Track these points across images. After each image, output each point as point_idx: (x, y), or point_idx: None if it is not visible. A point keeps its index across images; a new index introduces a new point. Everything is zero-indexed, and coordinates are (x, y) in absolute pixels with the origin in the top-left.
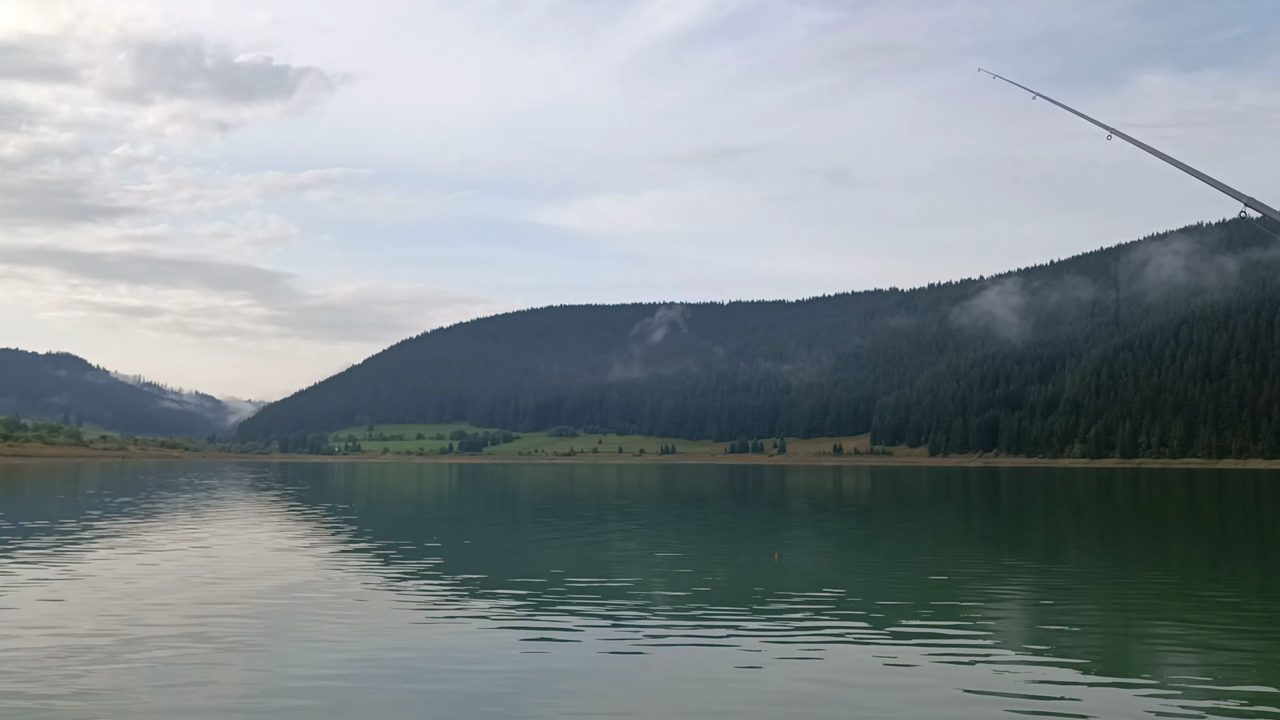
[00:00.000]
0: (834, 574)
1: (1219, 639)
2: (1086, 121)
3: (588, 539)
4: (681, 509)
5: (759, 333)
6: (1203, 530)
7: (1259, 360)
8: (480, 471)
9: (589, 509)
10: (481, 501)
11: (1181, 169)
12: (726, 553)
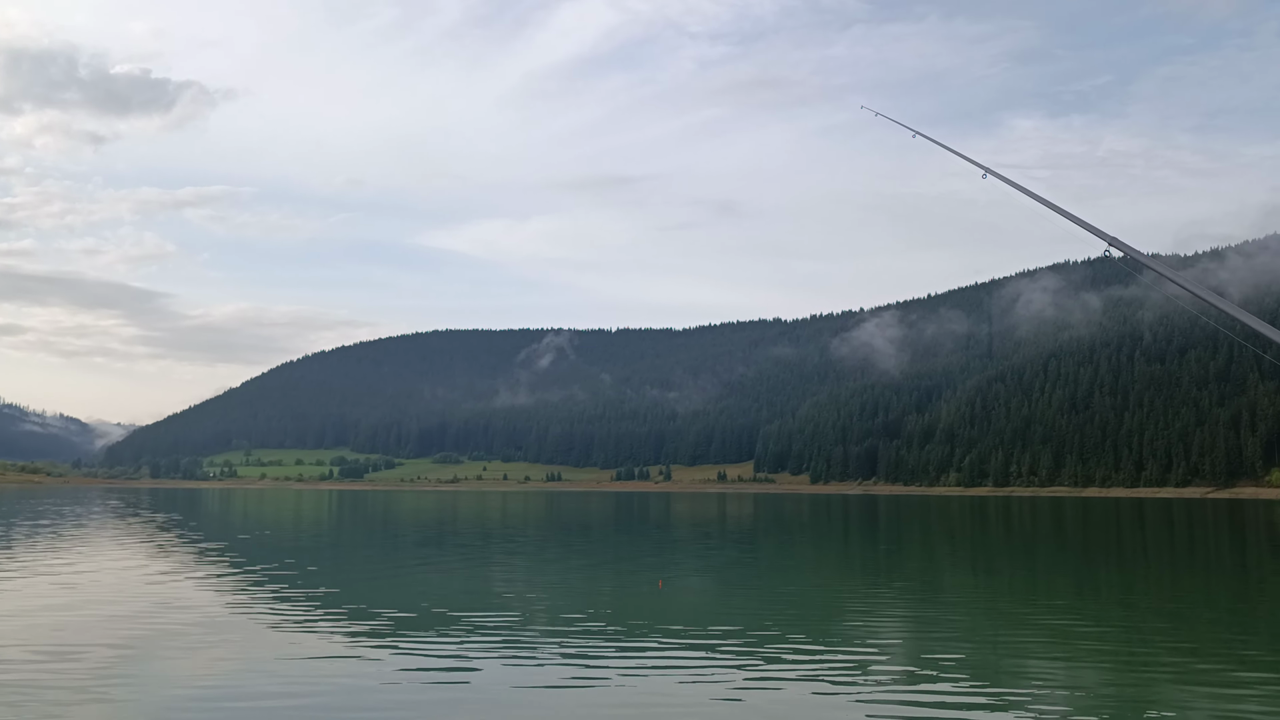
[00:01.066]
0: (717, 601)
1: (1084, 659)
2: (963, 160)
3: (470, 568)
4: (566, 537)
5: (646, 360)
6: (1067, 556)
7: (1120, 393)
8: (361, 498)
9: (472, 537)
10: (361, 529)
11: (1051, 209)
12: (610, 581)
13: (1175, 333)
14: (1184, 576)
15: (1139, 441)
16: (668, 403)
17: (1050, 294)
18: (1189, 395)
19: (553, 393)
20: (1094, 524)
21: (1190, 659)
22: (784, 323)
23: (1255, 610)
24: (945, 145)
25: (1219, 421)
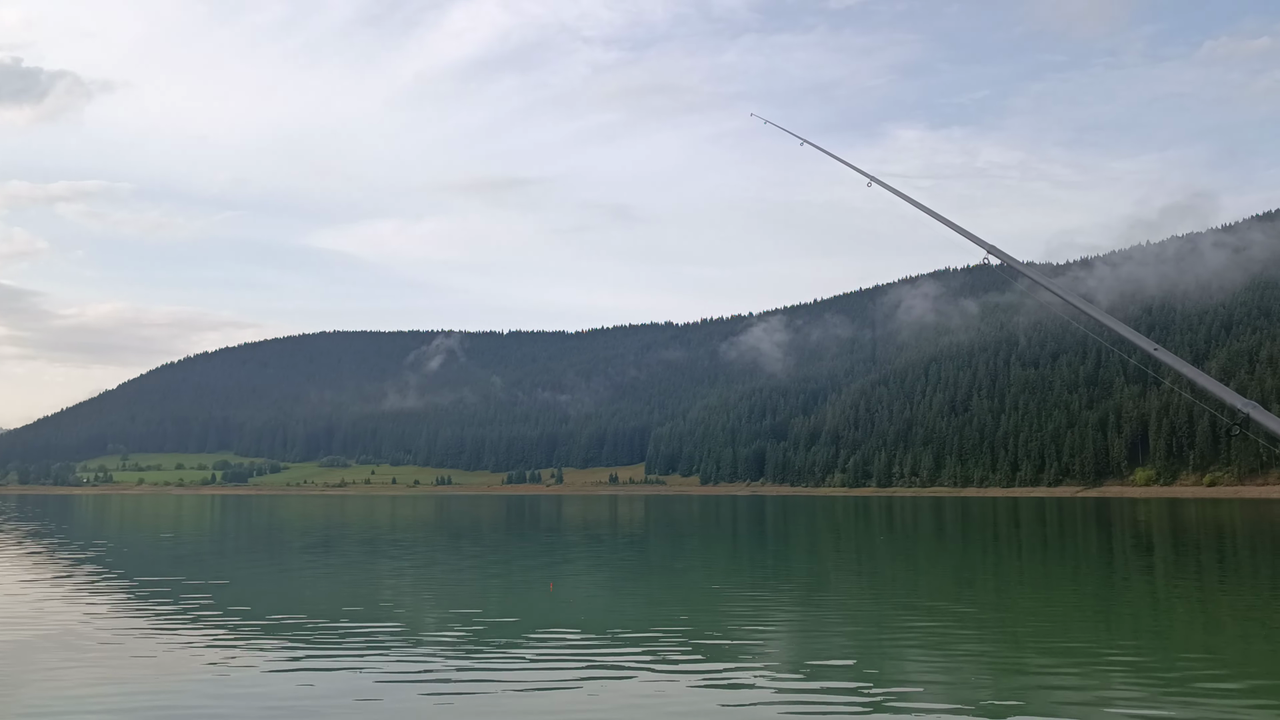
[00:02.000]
0: (608, 603)
1: (961, 648)
2: (849, 169)
3: (358, 574)
4: (456, 541)
5: (538, 363)
6: (947, 555)
7: (997, 396)
8: (245, 503)
9: (360, 543)
10: (245, 535)
11: (932, 217)
12: (501, 584)
13: (1048, 338)
14: (1055, 572)
15: (1015, 443)
16: (559, 406)
17: (931, 300)
18: (1060, 398)
19: (443, 395)
20: (972, 523)
21: (1060, 654)
22: (675, 326)
23: (1120, 603)
24: (832, 154)
25: (1088, 424)
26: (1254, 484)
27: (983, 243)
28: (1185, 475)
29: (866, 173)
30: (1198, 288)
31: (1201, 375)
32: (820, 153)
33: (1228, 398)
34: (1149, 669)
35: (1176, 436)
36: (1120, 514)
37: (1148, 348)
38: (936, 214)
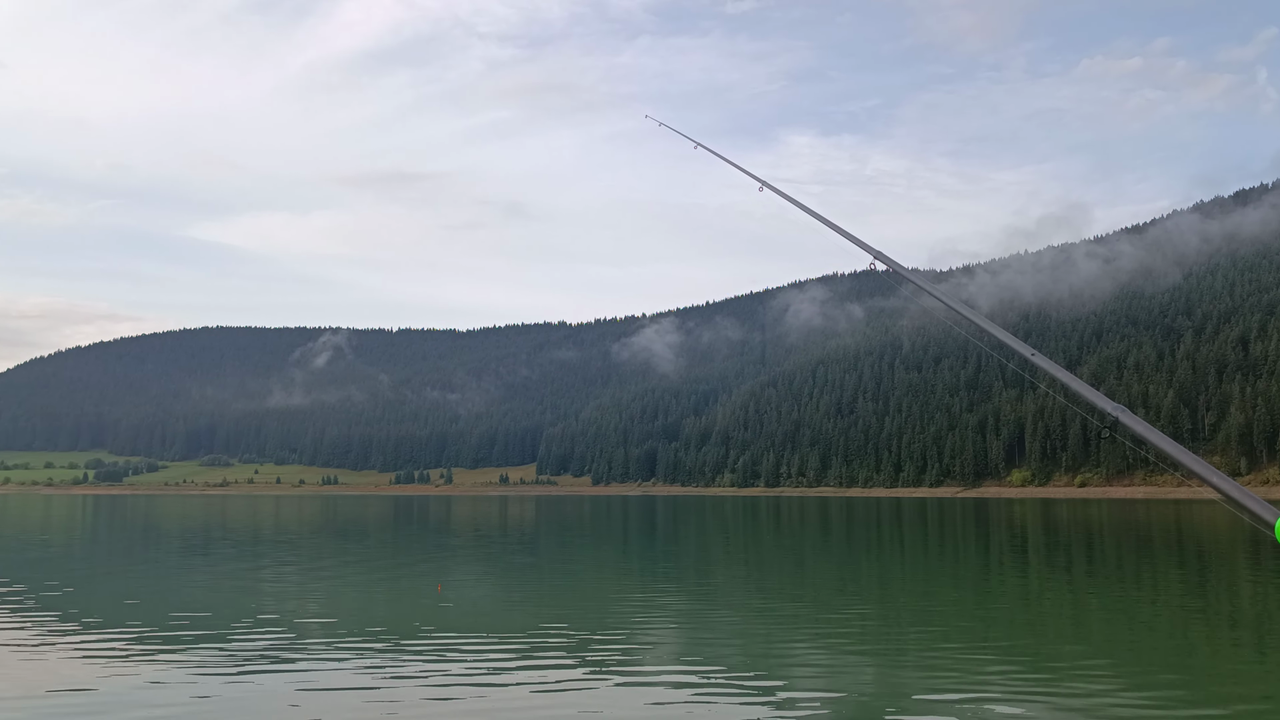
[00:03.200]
0: (497, 603)
1: (846, 644)
2: (741, 173)
3: (238, 576)
4: (342, 542)
5: (428, 361)
6: (832, 553)
7: (882, 399)
8: (120, 504)
9: (242, 544)
10: (119, 537)
11: (822, 222)
12: (388, 585)
13: (931, 343)
14: (935, 568)
15: (898, 445)
16: (449, 405)
17: (819, 304)
18: (942, 401)
19: (329, 393)
20: (857, 522)
21: (940, 649)
22: (568, 326)
23: (996, 598)
24: (724, 157)
25: (968, 426)
26: (1121, 484)
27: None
28: (1058, 476)
29: (758, 177)
30: (1071, 296)
31: (1074, 380)
32: (714, 156)
33: (1098, 402)
34: (1023, 660)
35: (1050, 439)
36: (997, 514)
37: (1025, 353)
38: (826, 220)
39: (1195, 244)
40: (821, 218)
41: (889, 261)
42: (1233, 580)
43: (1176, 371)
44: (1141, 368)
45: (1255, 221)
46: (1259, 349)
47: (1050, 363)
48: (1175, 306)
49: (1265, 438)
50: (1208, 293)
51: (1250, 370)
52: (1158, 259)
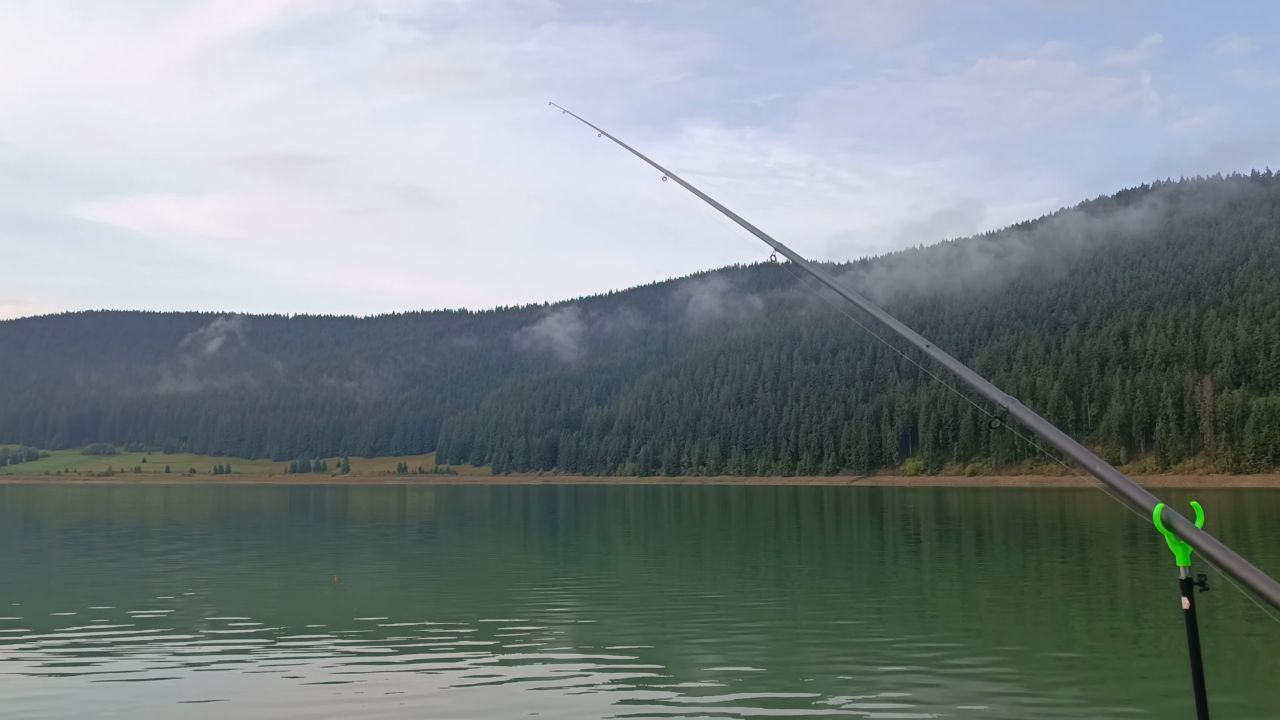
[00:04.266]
0: (395, 594)
1: (742, 632)
2: (645, 162)
3: (123, 568)
4: (235, 533)
5: (325, 348)
6: (731, 540)
7: (781, 389)
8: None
9: (127, 534)
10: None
11: (725, 214)
12: (283, 576)
13: (829, 334)
14: (831, 555)
15: (796, 434)
16: (346, 393)
17: (720, 295)
18: (839, 392)
19: (222, 380)
20: (755, 511)
21: (834, 636)
22: (469, 314)
23: (889, 584)
24: (629, 146)
25: (864, 416)
26: (1009, 474)
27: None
28: (950, 465)
29: (662, 167)
30: (964, 290)
31: (967, 371)
32: (618, 145)
33: (989, 393)
34: (913, 644)
35: (943, 429)
36: (891, 502)
37: (920, 345)
38: (728, 211)
39: (1081, 241)
40: (724, 209)
41: (789, 254)
42: (1111, 566)
43: (1062, 364)
44: (1030, 360)
45: (1136, 221)
46: (1138, 343)
47: (944, 354)
48: (1062, 301)
49: (1143, 428)
50: (1092, 288)
51: (1130, 364)
52: (1046, 255)
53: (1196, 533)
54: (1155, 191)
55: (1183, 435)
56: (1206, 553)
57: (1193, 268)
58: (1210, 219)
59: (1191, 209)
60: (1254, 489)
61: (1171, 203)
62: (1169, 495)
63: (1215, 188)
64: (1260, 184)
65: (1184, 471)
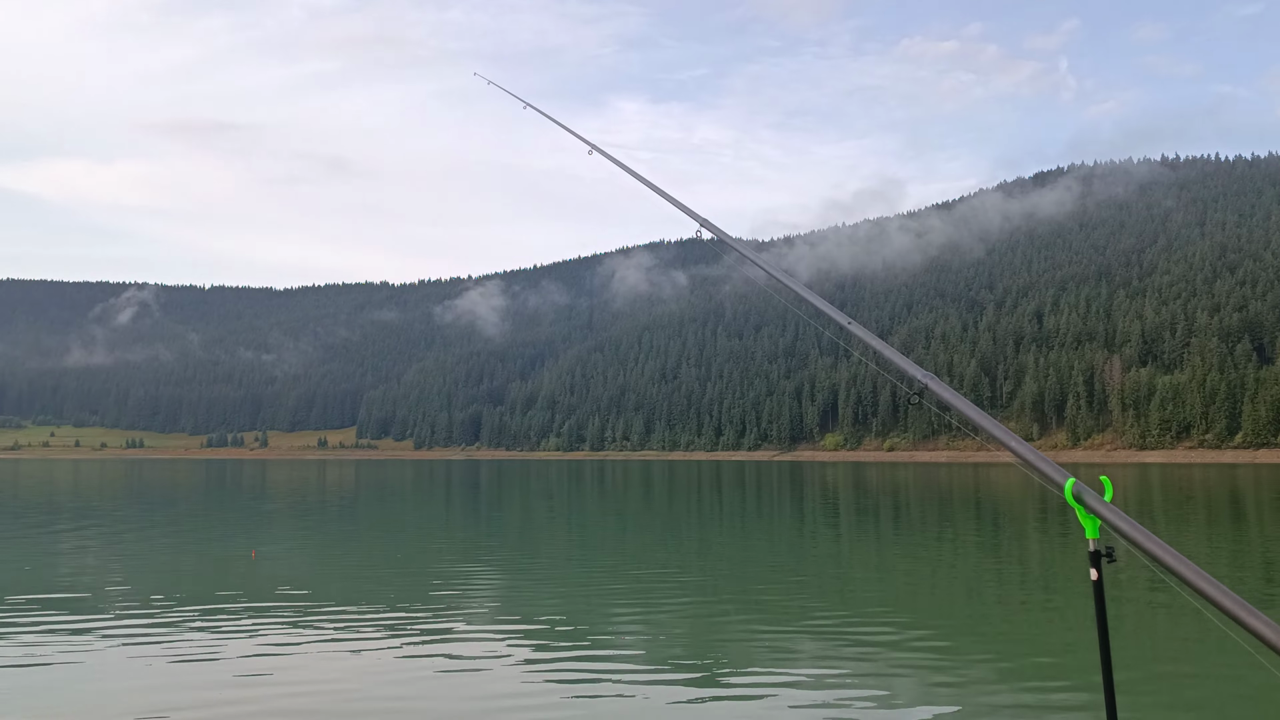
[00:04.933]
0: (314, 570)
1: (665, 605)
2: (571, 136)
3: (30, 545)
4: (148, 508)
5: (243, 320)
6: (654, 515)
7: (705, 365)
8: None
9: (35, 510)
10: None
11: (650, 188)
12: (198, 553)
13: (752, 311)
14: (753, 529)
15: (719, 409)
16: (264, 366)
17: (645, 270)
18: (762, 368)
19: (134, 352)
20: (679, 485)
21: (755, 607)
22: (391, 286)
23: (808, 556)
24: (554, 119)
25: (785, 392)
26: (926, 449)
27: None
28: (869, 440)
29: (588, 140)
30: (884, 268)
31: (887, 348)
32: (544, 118)
33: (909, 369)
34: (831, 614)
35: (862, 405)
36: (812, 476)
37: (842, 321)
38: (654, 186)
39: (998, 222)
40: (650, 184)
41: (715, 230)
42: (1024, 539)
43: (979, 342)
44: (948, 338)
45: (1051, 202)
46: (1052, 322)
47: (864, 331)
48: (979, 280)
49: (1055, 405)
50: (1008, 268)
51: (1044, 342)
52: (964, 235)
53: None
54: (1069, 174)
55: (1092, 412)
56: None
57: (1104, 249)
58: (1121, 202)
59: (1104, 192)
60: (1158, 464)
61: (1085, 185)
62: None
63: (1126, 171)
64: (1169, 168)
65: (1093, 447)
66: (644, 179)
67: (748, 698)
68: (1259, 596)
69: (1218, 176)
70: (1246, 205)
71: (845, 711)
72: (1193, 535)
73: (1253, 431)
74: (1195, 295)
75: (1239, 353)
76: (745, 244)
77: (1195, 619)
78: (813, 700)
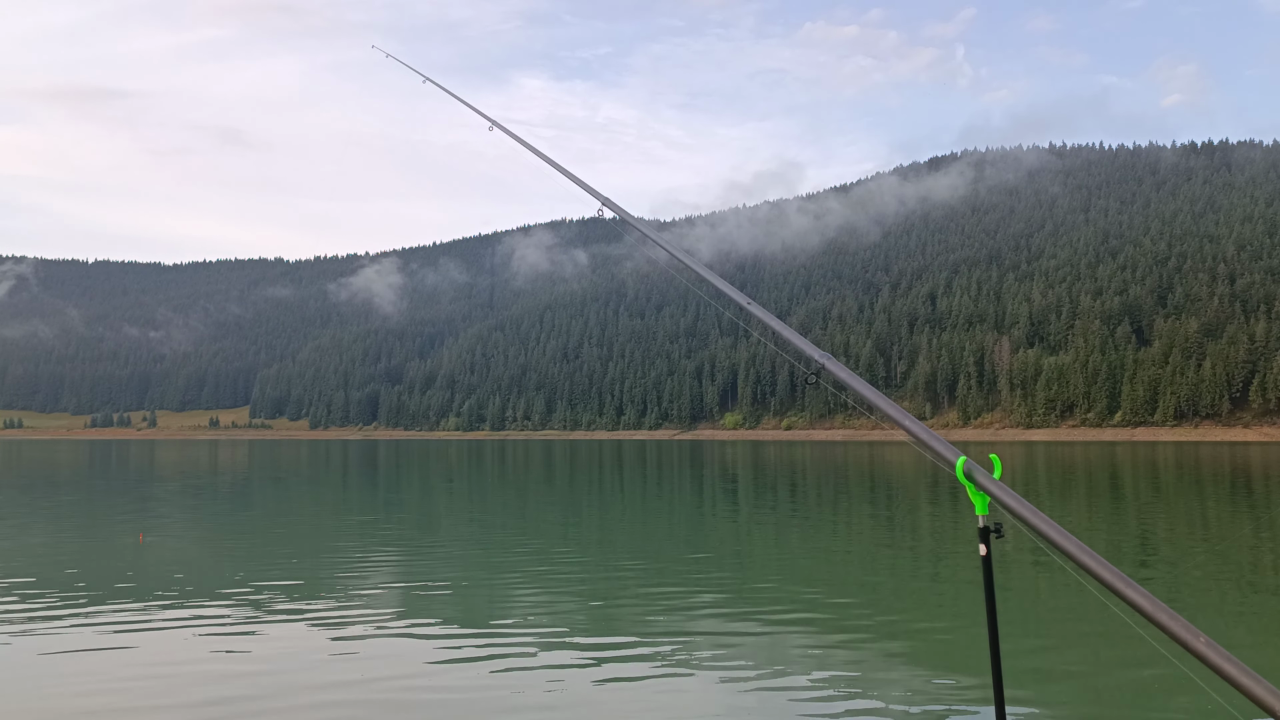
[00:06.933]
0: (205, 554)
1: (565, 591)
2: (472, 111)
3: None
4: (26, 490)
5: (129, 296)
6: (554, 496)
7: (606, 344)
8: None
9: None
10: None
11: (552, 166)
12: (83, 535)
13: (654, 291)
14: (653, 507)
15: (620, 389)
16: (152, 343)
17: (545, 249)
18: (663, 348)
19: (11, 328)
20: (579, 465)
21: (654, 584)
22: (285, 263)
23: (708, 534)
24: (455, 94)
25: (686, 372)
26: (823, 428)
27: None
28: (767, 419)
29: (489, 117)
30: (783, 250)
31: (785, 329)
32: (444, 93)
33: (806, 350)
34: (726, 589)
35: (761, 385)
36: (711, 455)
37: (742, 302)
38: (556, 164)
39: (894, 205)
40: (552, 161)
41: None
42: (916, 515)
43: (874, 323)
44: (844, 319)
45: (945, 187)
46: (945, 304)
47: (763, 312)
48: (875, 263)
49: (947, 385)
50: (903, 251)
51: (937, 323)
52: (861, 218)
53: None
54: (963, 160)
55: (982, 392)
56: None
57: (995, 233)
58: (1011, 188)
59: (995, 178)
60: (1044, 442)
61: (977, 171)
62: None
63: (1016, 158)
64: (1057, 156)
65: (983, 426)
66: (545, 156)
67: (645, 677)
68: (1135, 569)
69: (1101, 164)
70: (1128, 193)
71: (737, 677)
72: (1075, 511)
73: (1131, 411)
74: (1079, 279)
75: (1119, 335)
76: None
77: (1077, 590)
78: (712, 669)
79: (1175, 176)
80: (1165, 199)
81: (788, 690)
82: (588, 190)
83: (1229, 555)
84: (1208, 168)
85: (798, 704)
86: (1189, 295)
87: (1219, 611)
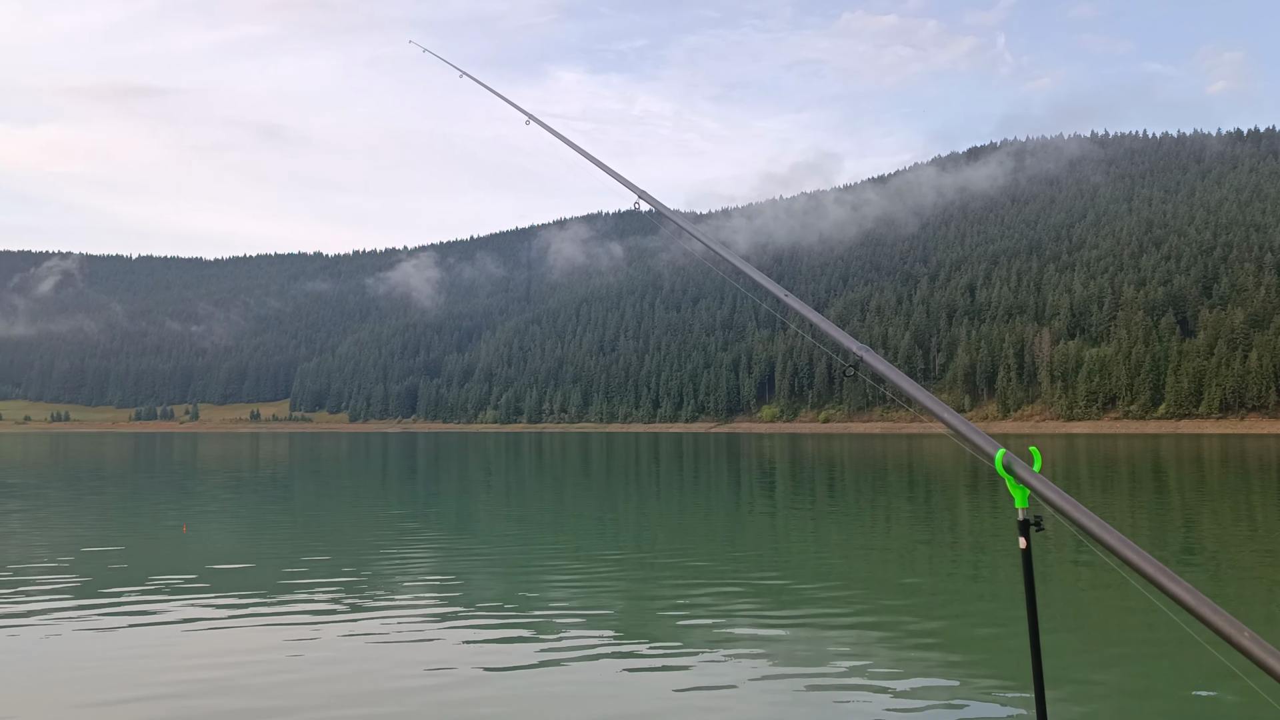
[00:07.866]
0: (246, 544)
1: (602, 579)
2: (509, 105)
3: None
4: (74, 482)
5: (172, 291)
6: (592, 488)
7: (643, 337)
8: None
9: None
10: None
11: (589, 160)
12: (127, 527)
13: (690, 283)
14: (690, 501)
15: (656, 382)
16: (193, 337)
17: (581, 242)
18: (699, 340)
19: (58, 323)
20: (616, 458)
21: (691, 580)
22: (324, 257)
23: (745, 528)
24: (491, 88)
25: (722, 364)
26: (861, 420)
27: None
28: (805, 412)
29: (526, 110)
30: (820, 241)
31: (823, 320)
32: (480, 87)
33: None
34: (766, 583)
35: (798, 377)
36: (748, 448)
37: (779, 294)
38: (592, 157)
39: (932, 196)
40: (588, 155)
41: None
42: (955, 508)
43: (913, 315)
44: (882, 310)
45: (984, 178)
46: (984, 295)
47: (801, 304)
48: (914, 254)
49: (986, 377)
50: (941, 242)
51: (976, 315)
52: (899, 209)
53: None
54: (1002, 149)
55: (1022, 384)
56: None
57: (1035, 224)
58: (1052, 177)
59: (1035, 167)
60: (1085, 434)
61: (1017, 161)
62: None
63: (1057, 148)
64: (1099, 145)
65: (1022, 418)
66: (582, 150)
67: (685, 668)
68: (1179, 563)
69: (1145, 153)
70: (1172, 182)
71: (783, 673)
72: (1117, 504)
73: (1175, 403)
74: (1122, 269)
75: (1163, 326)
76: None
77: (1119, 584)
78: (752, 668)
79: (1221, 164)
80: (1210, 187)
81: (827, 690)
82: (624, 183)
83: (1276, 550)
84: (1254, 155)
85: (837, 705)
86: (1235, 285)
87: (1265, 605)
